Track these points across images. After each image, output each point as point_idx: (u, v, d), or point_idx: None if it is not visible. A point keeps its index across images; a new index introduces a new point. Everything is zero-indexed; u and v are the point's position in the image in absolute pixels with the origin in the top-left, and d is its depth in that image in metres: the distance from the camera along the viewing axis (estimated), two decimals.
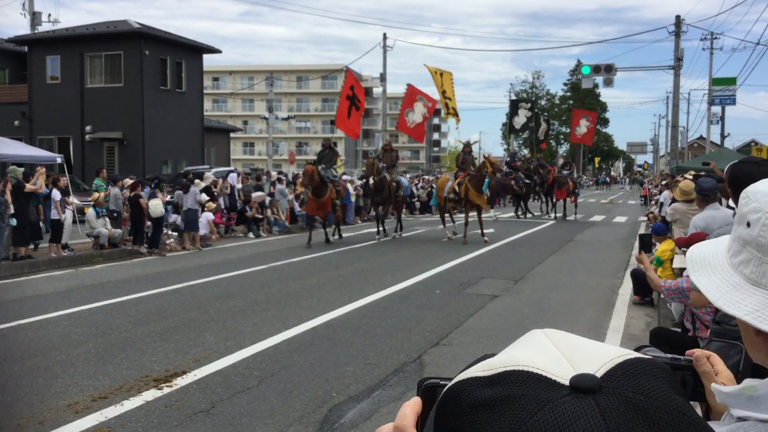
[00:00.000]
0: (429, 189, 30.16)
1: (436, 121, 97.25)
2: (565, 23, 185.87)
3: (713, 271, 0.97)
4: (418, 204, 29.01)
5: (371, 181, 17.69)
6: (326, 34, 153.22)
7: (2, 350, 6.87)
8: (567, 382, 0.51)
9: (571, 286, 10.66)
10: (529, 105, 35.30)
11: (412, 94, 20.97)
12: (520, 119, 34.62)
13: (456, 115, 22.15)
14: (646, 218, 23.73)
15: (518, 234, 19.18)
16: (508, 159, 30.58)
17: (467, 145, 18.05)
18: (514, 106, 35.25)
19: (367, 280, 11.13)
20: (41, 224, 14.65)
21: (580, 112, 35.15)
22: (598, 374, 0.52)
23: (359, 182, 25.83)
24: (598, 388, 0.50)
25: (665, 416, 0.49)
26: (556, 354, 0.54)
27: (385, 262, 13.54)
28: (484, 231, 17.05)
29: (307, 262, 13.52)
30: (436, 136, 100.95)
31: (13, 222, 12.52)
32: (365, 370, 6.17)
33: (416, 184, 29.92)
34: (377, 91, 74.20)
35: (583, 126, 33.33)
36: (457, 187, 16.99)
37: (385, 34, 37.91)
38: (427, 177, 34.59)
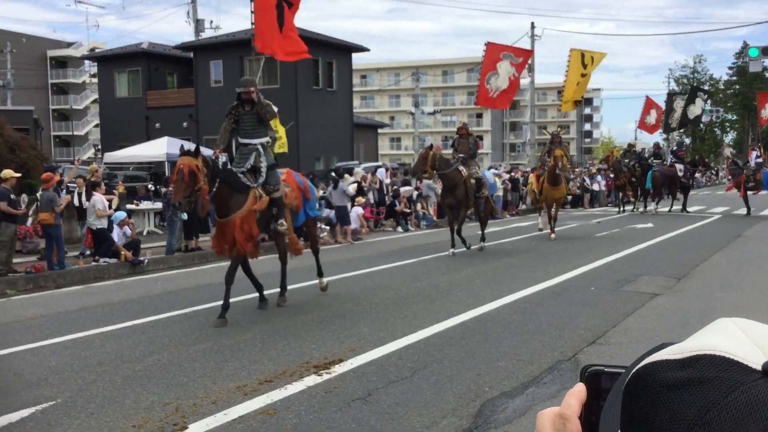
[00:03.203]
0: (579, 182, 29.17)
1: (587, 110, 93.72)
2: (729, 2, 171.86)
3: None
4: (569, 198, 28.20)
5: (425, 179, 13.16)
6: (471, 26, 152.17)
7: (179, 334, 7.49)
8: (759, 367, 0.52)
9: (740, 285, 9.90)
10: (706, 96, 32.95)
11: (494, 53, 17.47)
12: (696, 109, 32.28)
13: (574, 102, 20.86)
14: None
15: (680, 229, 18.07)
16: (674, 148, 28.80)
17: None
18: (693, 94, 32.92)
19: (516, 275, 10.97)
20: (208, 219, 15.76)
21: (765, 95, 32.57)
22: None
23: (506, 176, 25.48)
24: None
25: None
26: (746, 341, 0.56)
27: (535, 257, 13.27)
28: (552, 227, 15.81)
29: (455, 256, 13.53)
30: (587, 126, 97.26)
31: (184, 216, 13.58)
32: (518, 366, 6.10)
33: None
34: (524, 82, 72.79)
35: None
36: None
37: (532, 23, 37.16)
38: (577, 170, 33.44)
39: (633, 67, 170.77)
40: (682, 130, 46.95)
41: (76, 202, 13.96)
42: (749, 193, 22.66)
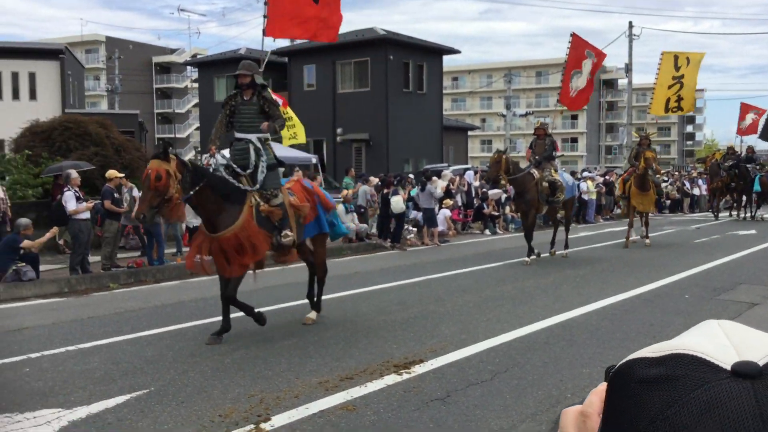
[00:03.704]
0: (676, 185, 28.01)
1: (690, 112, 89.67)
2: None
3: None
4: (667, 203, 27.16)
5: (502, 183, 12.81)
6: (567, 25, 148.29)
7: (266, 329, 7.72)
8: (729, 367, 0.54)
9: None
10: None
11: (578, 49, 16.24)
12: None
13: (680, 108, 19.81)
14: None
15: None
16: None
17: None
18: None
19: (606, 281, 10.66)
20: None
21: None
22: (761, 362, 0.53)
23: (600, 179, 24.77)
24: (758, 374, 0.52)
25: None
26: (725, 342, 0.57)
27: (626, 263, 12.85)
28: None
29: (542, 260, 13.29)
30: (689, 128, 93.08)
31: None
32: (603, 373, 5.92)
33: (666, 181, 27.95)
34: (622, 82, 70.44)
35: None
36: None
37: (630, 22, 35.83)
38: (677, 173, 32.09)
39: (740, 67, 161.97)
40: None
41: None
42: None
